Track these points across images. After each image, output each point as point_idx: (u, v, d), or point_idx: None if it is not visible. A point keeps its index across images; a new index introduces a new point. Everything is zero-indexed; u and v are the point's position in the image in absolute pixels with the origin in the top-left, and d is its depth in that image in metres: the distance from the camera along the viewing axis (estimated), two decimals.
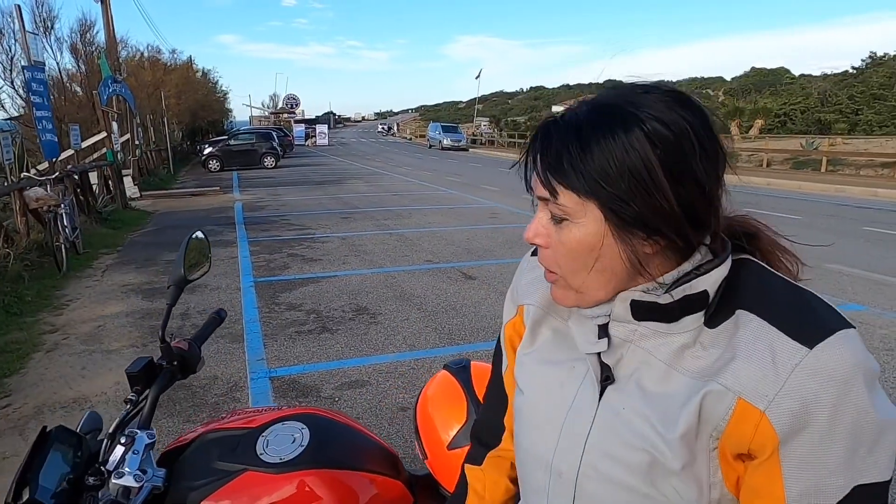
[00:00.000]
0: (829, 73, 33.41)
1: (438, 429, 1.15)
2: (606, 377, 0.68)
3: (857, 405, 0.55)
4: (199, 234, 1.24)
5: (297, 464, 1.05)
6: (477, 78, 47.61)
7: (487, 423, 0.93)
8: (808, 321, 0.59)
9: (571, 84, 68.46)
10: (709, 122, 0.61)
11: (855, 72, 29.96)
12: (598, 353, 0.68)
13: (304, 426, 1.11)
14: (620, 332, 0.67)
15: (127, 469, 0.98)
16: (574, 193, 0.61)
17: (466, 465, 0.94)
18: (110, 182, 11.91)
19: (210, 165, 22.41)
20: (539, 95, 71.94)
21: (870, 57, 30.19)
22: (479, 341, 4.25)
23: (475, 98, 61.32)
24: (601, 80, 0.67)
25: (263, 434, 1.10)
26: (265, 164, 22.98)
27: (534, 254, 0.84)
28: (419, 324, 4.65)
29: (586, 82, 63.55)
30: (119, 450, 1.01)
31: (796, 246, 0.71)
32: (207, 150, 23.38)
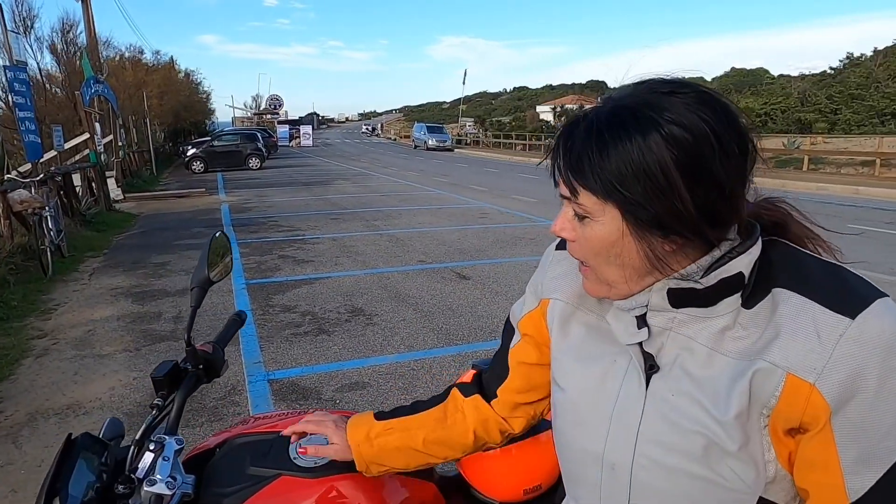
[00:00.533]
0: (807, 73, 33.86)
1: None
2: (651, 366, 0.69)
3: None
4: (220, 234, 1.22)
5: (332, 468, 1.02)
6: (464, 82, 47.69)
7: (488, 383, 0.96)
8: (846, 293, 0.60)
9: (554, 84, 68.74)
10: (734, 120, 0.61)
11: (833, 72, 30.47)
12: (640, 344, 0.69)
13: None
14: (659, 322, 0.68)
15: (158, 476, 0.95)
16: (592, 195, 0.63)
17: (454, 388, 0.98)
18: (94, 184, 11.72)
19: (194, 167, 22.15)
20: (522, 96, 72.17)
21: (847, 57, 30.73)
22: (479, 341, 4.24)
23: (459, 98, 61.42)
24: (621, 81, 0.67)
25: None
26: (250, 165, 22.78)
27: (559, 247, 0.85)
28: (416, 324, 4.62)
29: (569, 82, 63.94)
30: (148, 456, 0.98)
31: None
32: (191, 152, 23.12)
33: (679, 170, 0.59)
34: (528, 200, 12.41)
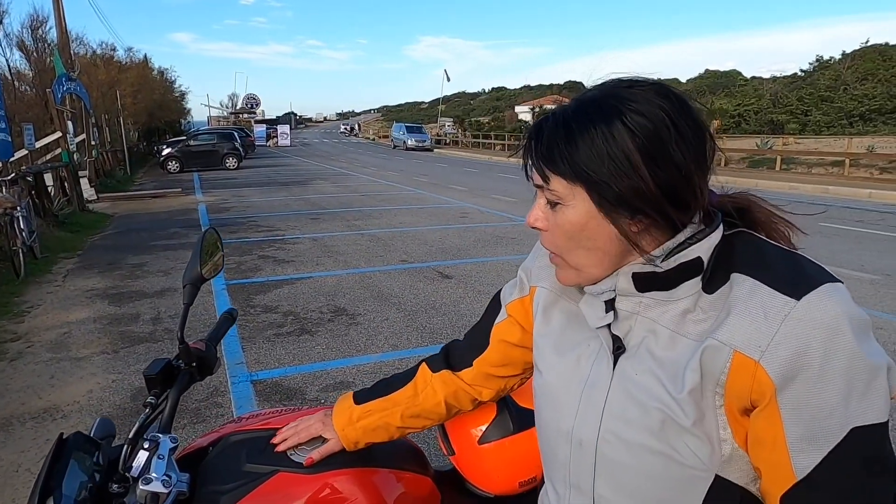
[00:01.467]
0: (778, 75, 34.65)
1: (468, 424, 1.14)
2: (618, 347, 0.73)
3: (847, 350, 0.59)
4: (212, 230, 1.21)
5: (328, 464, 1.02)
6: (448, 81, 47.57)
7: (461, 352, 1.02)
8: (797, 277, 0.63)
9: (532, 85, 69.15)
10: (688, 108, 0.67)
11: (803, 74, 31.22)
12: (609, 326, 0.73)
13: None
14: (626, 306, 0.72)
15: (154, 475, 0.94)
16: (563, 179, 0.68)
17: (423, 363, 1.05)
18: (66, 184, 11.45)
19: (169, 166, 21.80)
20: (501, 96, 72.46)
21: (817, 60, 31.51)
22: None
23: (438, 98, 61.41)
24: (591, 80, 0.73)
25: None
26: (227, 164, 22.49)
27: None
28: (400, 324, 4.62)
29: (547, 83, 64.38)
30: (143, 455, 0.97)
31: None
32: (166, 151, 22.73)
33: (640, 152, 0.64)
34: (508, 200, 12.47)
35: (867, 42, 29.40)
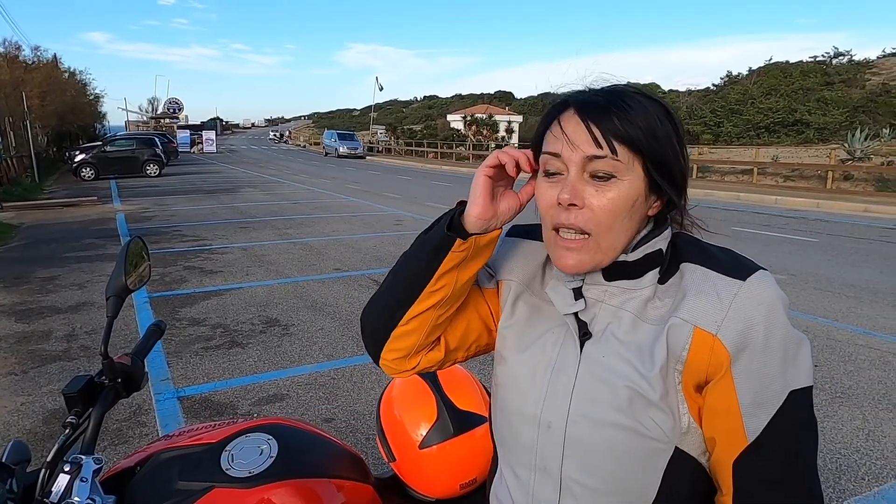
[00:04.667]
0: (693, 89, 36.76)
1: (408, 429, 1.15)
2: (585, 333, 0.76)
3: (781, 323, 0.68)
4: (137, 239, 1.16)
5: (267, 476, 1.00)
6: (381, 90, 47.24)
7: None
8: (738, 264, 0.72)
9: (464, 94, 70.00)
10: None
11: (715, 88, 33.26)
12: (576, 314, 0.77)
13: (271, 437, 1.06)
14: (593, 294, 0.77)
15: (76, 499, 0.89)
16: (626, 147, 0.69)
17: None
18: None
19: (83, 173, 20.44)
20: (433, 104, 72.93)
21: (727, 75, 33.69)
22: None
23: (370, 106, 61.04)
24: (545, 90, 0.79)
25: (227, 449, 1.03)
26: (147, 172, 21.37)
27: (509, 234, 0.89)
28: (335, 333, 4.54)
29: (478, 92, 65.38)
30: (63, 479, 0.92)
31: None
32: (79, 157, 21.30)
33: (677, 137, 0.72)
34: (443, 207, 12.47)
35: (770, 59, 31.73)
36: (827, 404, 3.36)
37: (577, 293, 0.77)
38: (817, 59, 30.43)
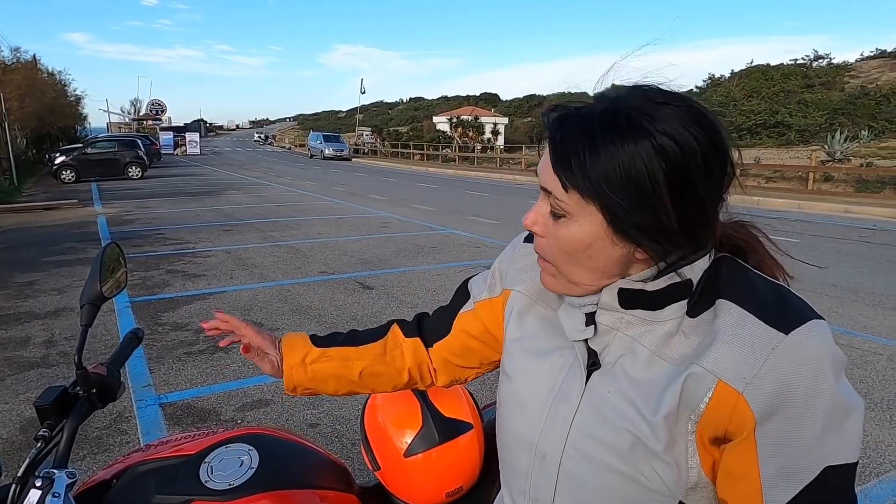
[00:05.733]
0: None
1: (393, 437, 1.13)
2: (593, 363, 0.70)
3: (828, 389, 0.58)
4: (113, 245, 1.13)
5: (248, 488, 0.97)
6: (363, 92, 47.04)
7: (430, 328, 0.96)
8: (784, 311, 0.62)
9: (450, 96, 70.02)
10: (721, 141, 0.62)
11: (698, 91, 33.61)
12: (586, 340, 0.70)
13: (251, 447, 1.04)
14: (607, 321, 0.69)
15: None
16: (578, 193, 0.62)
17: (395, 324, 0.98)
18: None
19: (63, 176, 20.14)
20: (419, 106, 72.83)
21: (710, 77, 34.06)
22: None
23: (356, 108, 60.84)
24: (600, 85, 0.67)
25: (206, 460, 1.01)
26: (130, 174, 21.11)
27: (527, 239, 0.85)
28: None
29: (464, 94, 65.38)
30: (34, 494, 0.88)
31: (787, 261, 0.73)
32: (60, 159, 20.96)
33: (666, 183, 0.59)
34: (428, 210, 12.53)
35: (752, 62, 32.13)
36: None
37: (590, 318, 0.70)
38: (798, 62, 30.94)
